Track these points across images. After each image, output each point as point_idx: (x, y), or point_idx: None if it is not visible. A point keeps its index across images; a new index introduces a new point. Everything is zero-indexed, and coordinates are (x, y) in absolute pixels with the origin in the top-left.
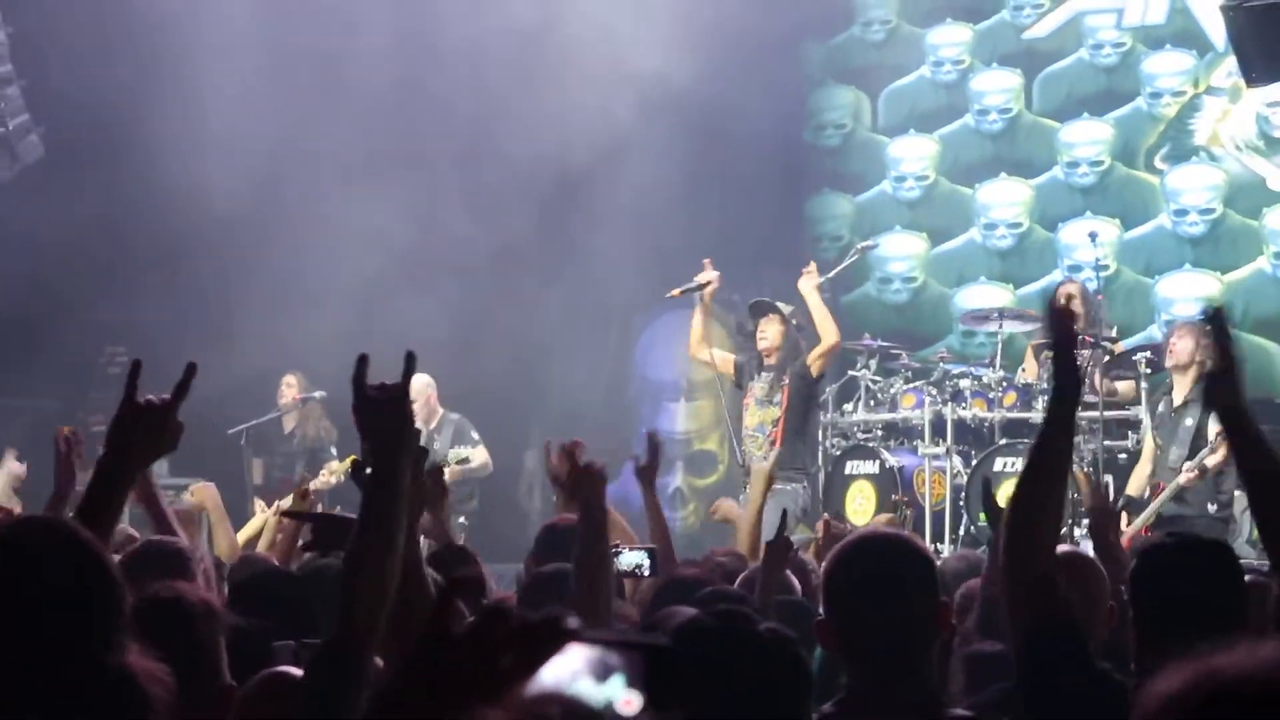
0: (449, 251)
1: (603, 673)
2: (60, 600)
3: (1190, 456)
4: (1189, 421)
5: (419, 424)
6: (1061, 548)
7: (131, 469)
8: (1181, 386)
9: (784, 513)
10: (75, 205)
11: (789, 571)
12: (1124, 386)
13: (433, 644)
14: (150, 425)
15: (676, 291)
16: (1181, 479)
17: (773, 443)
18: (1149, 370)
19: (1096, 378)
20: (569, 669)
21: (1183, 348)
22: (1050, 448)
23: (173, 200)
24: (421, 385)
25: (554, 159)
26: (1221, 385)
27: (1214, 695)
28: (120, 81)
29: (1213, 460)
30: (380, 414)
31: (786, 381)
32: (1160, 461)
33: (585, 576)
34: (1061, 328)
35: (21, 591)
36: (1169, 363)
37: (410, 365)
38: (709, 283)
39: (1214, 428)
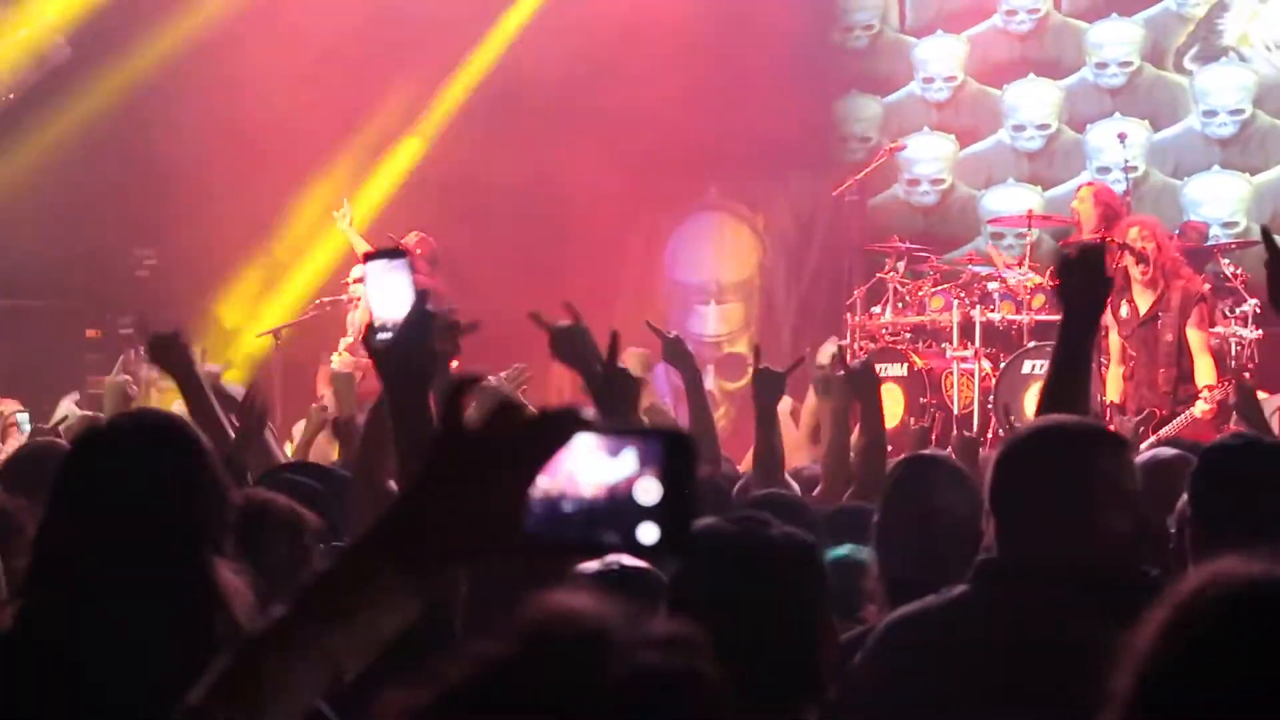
0: (469, 170)
1: (615, 450)
2: (170, 503)
3: (1180, 377)
4: (1169, 337)
5: None
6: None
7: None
8: (1147, 294)
9: None
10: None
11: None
12: None
13: (448, 438)
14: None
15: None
16: (1198, 412)
17: None
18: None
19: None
20: (582, 449)
21: (1167, 255)
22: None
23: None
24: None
25: (572, 58)
26: None
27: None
28: None
29: (1201, 412)
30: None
31: None
32: (1141, 378)
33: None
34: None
35: (132, 487)
36: (1143, 266)
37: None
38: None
39: (1204, 364)
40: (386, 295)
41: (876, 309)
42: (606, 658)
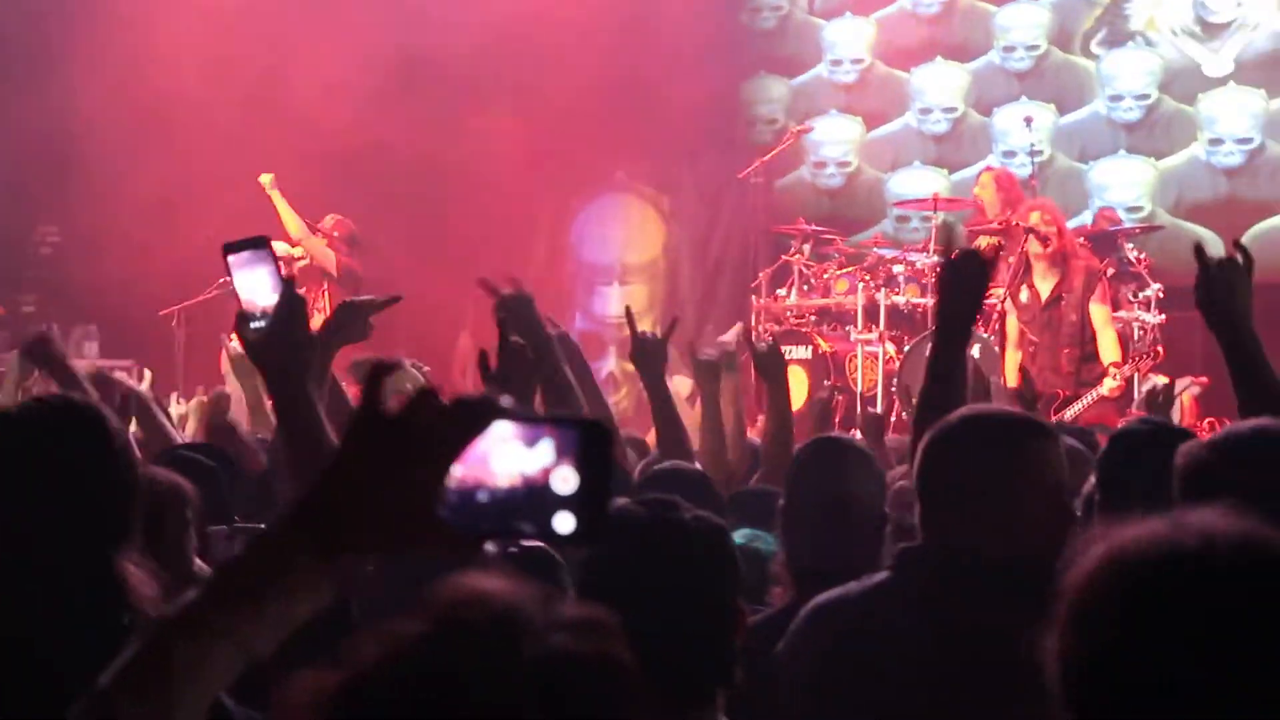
0: (379, 147)
1: (532, 439)
2: (80, 494)
3: (1084, 357)
4: (1073, 318)
5: None
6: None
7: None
8: (1049, 277)
9: None
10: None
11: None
12: None
13: (365, 424)
14: None
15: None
16: (1105, 390)
17: None
18: None
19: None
20: (499, 438)
21: (1068, 238)
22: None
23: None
24: None
25: (481, 36)
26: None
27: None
28: None
29: (1109, 389)
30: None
31: None
32: (1043, 361)
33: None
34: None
35: (40, 477)
36: (1048, 248)
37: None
38: None
39: (1108, 339)
40: (253, 285)
41: (782, 291)
42: (518, 640)
